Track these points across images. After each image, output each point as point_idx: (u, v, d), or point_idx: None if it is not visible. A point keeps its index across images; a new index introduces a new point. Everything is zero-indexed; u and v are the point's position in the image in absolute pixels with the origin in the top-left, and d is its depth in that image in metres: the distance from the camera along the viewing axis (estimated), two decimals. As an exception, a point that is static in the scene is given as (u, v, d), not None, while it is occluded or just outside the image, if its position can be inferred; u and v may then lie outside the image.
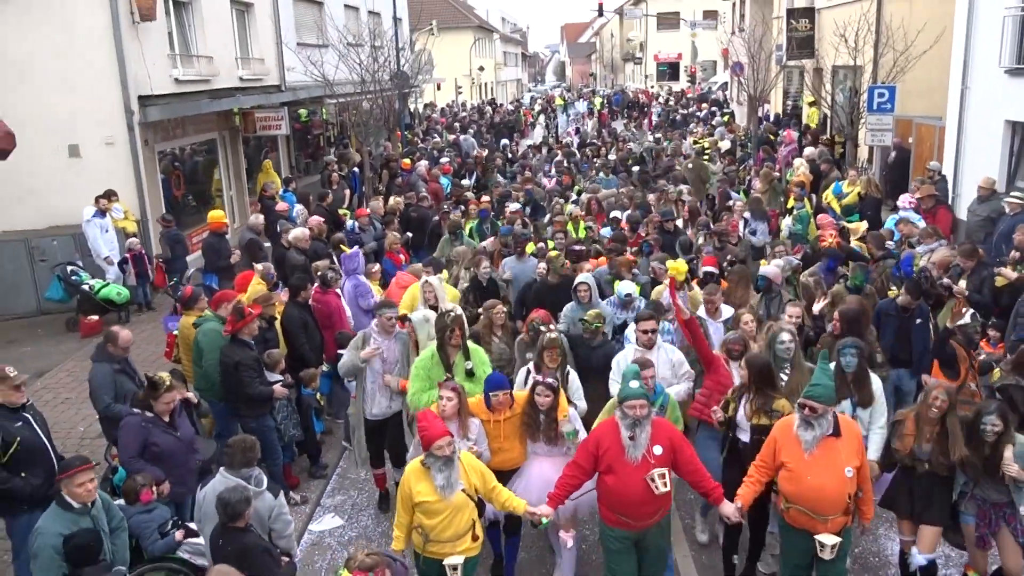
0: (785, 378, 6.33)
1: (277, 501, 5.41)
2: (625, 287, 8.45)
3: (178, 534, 5.68)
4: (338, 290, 9.18)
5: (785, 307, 7.91)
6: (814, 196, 14.82)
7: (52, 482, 5.65)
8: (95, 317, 12.43)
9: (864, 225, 12.17)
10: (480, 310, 8.33)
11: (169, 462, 6.09)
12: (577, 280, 8.32)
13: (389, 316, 7.14)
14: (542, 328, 6.98)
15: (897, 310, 7.81)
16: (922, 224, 10.41)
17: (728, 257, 10.15)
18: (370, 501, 7.79)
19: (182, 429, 6.30)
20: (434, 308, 7.72)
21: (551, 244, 10.62)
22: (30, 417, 5.87)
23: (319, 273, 9.09)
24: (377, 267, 10.70)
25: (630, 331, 7.43)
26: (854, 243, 11.01)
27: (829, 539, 5.11)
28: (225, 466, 5.56)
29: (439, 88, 47.04)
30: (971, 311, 7.35)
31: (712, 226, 11.86)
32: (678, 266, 7.46)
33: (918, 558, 5.83)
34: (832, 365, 6.07)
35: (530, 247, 10.74)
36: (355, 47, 20.62)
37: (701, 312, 7.91)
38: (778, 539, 6.04)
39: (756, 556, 6.34)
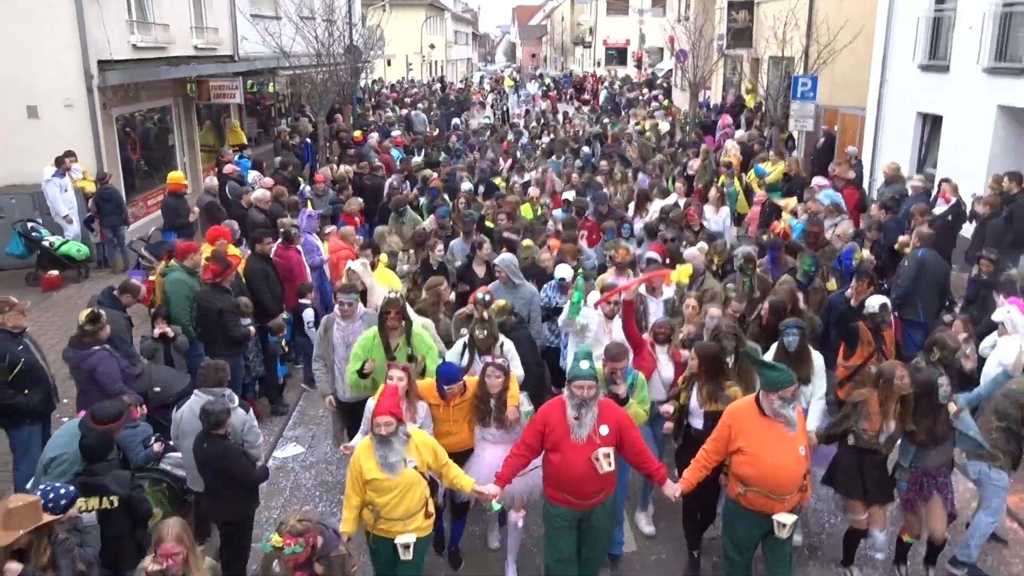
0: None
1: (248, 415, 6.12)
2: (561, 271, 8.47)
3: (156, 446, 6.38)
4: (298, 246, 9.83)
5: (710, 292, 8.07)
6: (744, 176, 15.92)
7: (50, 399, 6.32)
8: (55, 272, 12.85)
9: (793, 201, 13.24)
10: (425, 287, 8.32)
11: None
12: (495, 261, 8.37)
13: (343, 302, 7.00)
14: (486, 299, 7.09)
15: (846, 303, 7.80)
16: (828, 203, 11.42)
17: (684, 244, 9.99)
18: (328, 434, 8.48)
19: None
20: (363, 293, 7.71)
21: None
22: (29, 342, 6.51)
23: (283, 230, 9.74)
24: (332, 228, 11.33)
25: (593, 298, 7.44)
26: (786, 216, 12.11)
27: (787, 518, 5.23)
28: (199, 387, 6.25)
29: (389, 64, 47.22)
30: (882, 301, 7.36)
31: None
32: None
33: (880, 536, 6.16)
34: (774, 347, 6.53)
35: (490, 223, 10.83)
36: (308, 20, 21.05)
37: (642, 289, 7.97)
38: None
39: (704, 526, 6.50)
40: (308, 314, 9.16)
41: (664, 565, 6.60)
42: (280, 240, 9.59)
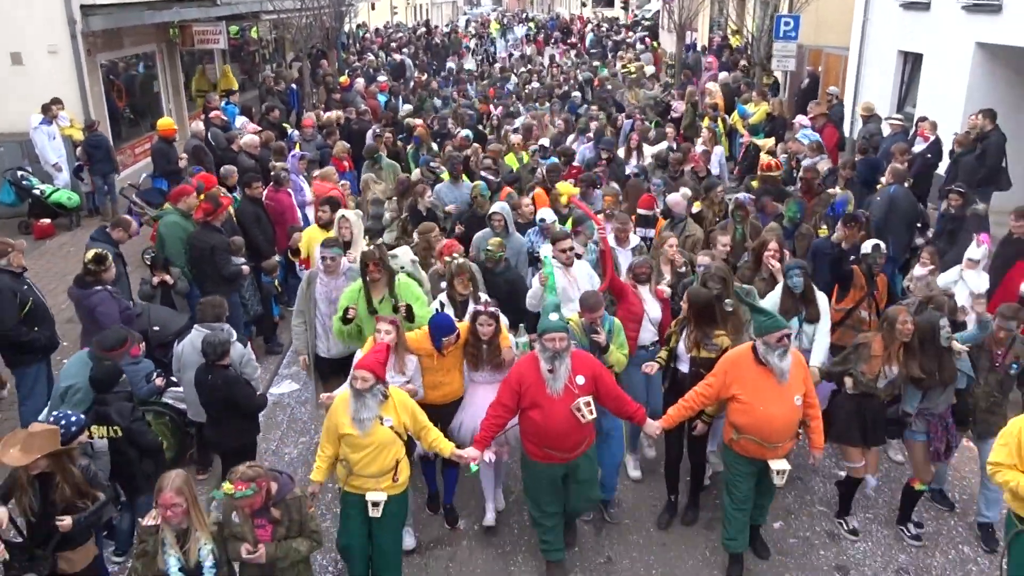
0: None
1: (246, 350, 6.41)
2: (543, 213, 8.44)
3: (158, 380, 6.68)
4: (288, 189, 10.03)
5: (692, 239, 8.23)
6: (727, 117, 16.07)
7: (54, 337, 6.60)
8: (47, 220, 13.00)
9: (771, 141, 13.48)
10: (417, 232, 8.34)
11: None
12: (492, 209, 8.32)
13: (326, 256, 6.86)
14: (450, 258, 7.04)
15: (833, 248, 7.75)
16: (806, 141, 11.65)
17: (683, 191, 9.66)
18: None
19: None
20: (347, 244, 7.63)
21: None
22: (30, 282, 6.75)
23: (273, 173, 9.92)
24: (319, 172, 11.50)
25: (548, 251, 7.39)
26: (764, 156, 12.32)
27: (781, 464, 5.35)
28: (198, 322, 6.52)
29: (373, 8, 46.53)
30: (874, 241, 7.38)
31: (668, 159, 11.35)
32: (566, 187, 7.71)
33: (872, 481, 6.35)
34: (778, 288, 6.61)
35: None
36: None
37: (611, 240, 7.80)
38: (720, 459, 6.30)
39: (700, 480, 6.55)
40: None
41: (655, 510, 6.65)
42: (271, 183, 9.77)
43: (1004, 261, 7.86)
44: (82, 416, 5.03)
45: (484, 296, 6.56)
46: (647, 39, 32.87)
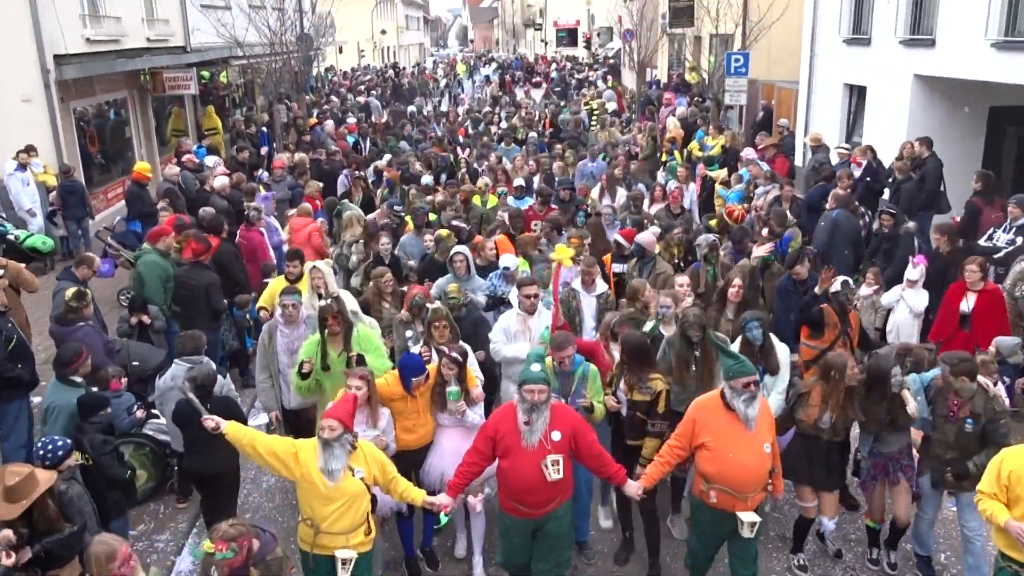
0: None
1: (225, 380, 6.72)
2: (506, 260, 8.35)
3: (139, 413, 6.96)
4: (260, 228, 10.38)
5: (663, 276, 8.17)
6: (685, 150, 16.71)
7: (36, 373, 6.87)
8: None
9: (724, 172, 14.07)
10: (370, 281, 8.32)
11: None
12: (453, 250, 8.19)
13: (287, 304, 6.86)
14: (426, 305, 7.03)
15: (795, 285, 7.76)
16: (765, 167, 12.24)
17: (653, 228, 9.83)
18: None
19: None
20: (320, 296, 7.48)
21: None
22: (12, 321, 7.02)
23: (245, 213, 10.28)
24: (292, 212, 11.89)
25: (513, 295, 7.38)
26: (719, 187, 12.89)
27: (750, 516, 5.16)
28: (177, 356, 6.83)
29: (341, 51, 47.33)
30: (843, 278, 7.36)
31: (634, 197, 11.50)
32: (563, 251, 7.15)
33: (829, 524, 6.19)
34: (739, 341, 6.48)
35: (432, 216, 10.58)
36: (258, 9, 21.35)
37: (577, 284, 7.77)
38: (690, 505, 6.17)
39: (654, 533, 6.32)
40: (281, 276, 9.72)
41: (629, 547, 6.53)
42: (243, 223, 10.13)
43: (935, 276, 8.37)
44: (68, 441, 5.29)
45: (462, 344, 6.49)
46: (608, 77, 33.77)
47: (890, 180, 11.96)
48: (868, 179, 11.74)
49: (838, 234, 9.52)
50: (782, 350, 6.59)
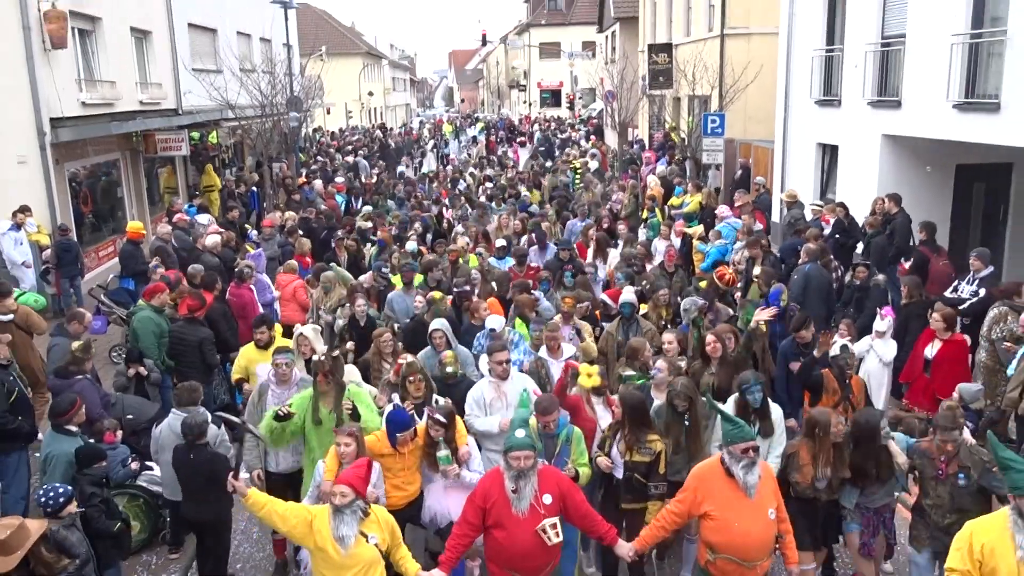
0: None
1: (220, 431, 6.91)
2: (491, 322, 8.27)
3: (133, 464, 7.13)
4: (251, 285, 10.64)
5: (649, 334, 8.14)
6: (666, 208, 17.20)
7: (35, 426, 7.06)
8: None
9: (700, 228, 14.49)
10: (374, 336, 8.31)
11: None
12: (432, 326, 7.89)
13: (280, 363, 6.82)
14: (402, 361, 6.97)
15: (799, 348, 7.72)
16: (733, 233, 12.66)
17: (644, 284, 10.12)
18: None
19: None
20: (308, 361, 7.37)
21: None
22: (14, 374, 7.22)
23: (237, 269, 10.55)
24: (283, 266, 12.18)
25: (483, 363, 7.25)
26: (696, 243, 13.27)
27: None
28: (175, 406, 7.03)
29: (329, 112, 48.28)
30: (843, 342, 7.45)
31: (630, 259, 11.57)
32: (589, 379, 6.78)
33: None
34: (731, 400, 6.38)
35: (418, 278, 10.45)
36: (248, 72, 21.95)
37: (542, 352, 7.79)
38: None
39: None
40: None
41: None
42: (233, 279, 10.39)
43: (903, 325, 8.74)
44: (69, 488, 5.48)
45: (438, 399, 6.49)
46: (592, 137, 34.59)
47: (863, 234, 12.42)
48: (837, 235, 12.17)
49: (810, 287, 9.87)
50: (777, 412, 6.46)
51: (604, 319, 8.99)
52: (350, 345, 8.89)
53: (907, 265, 10.53)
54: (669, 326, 9.04)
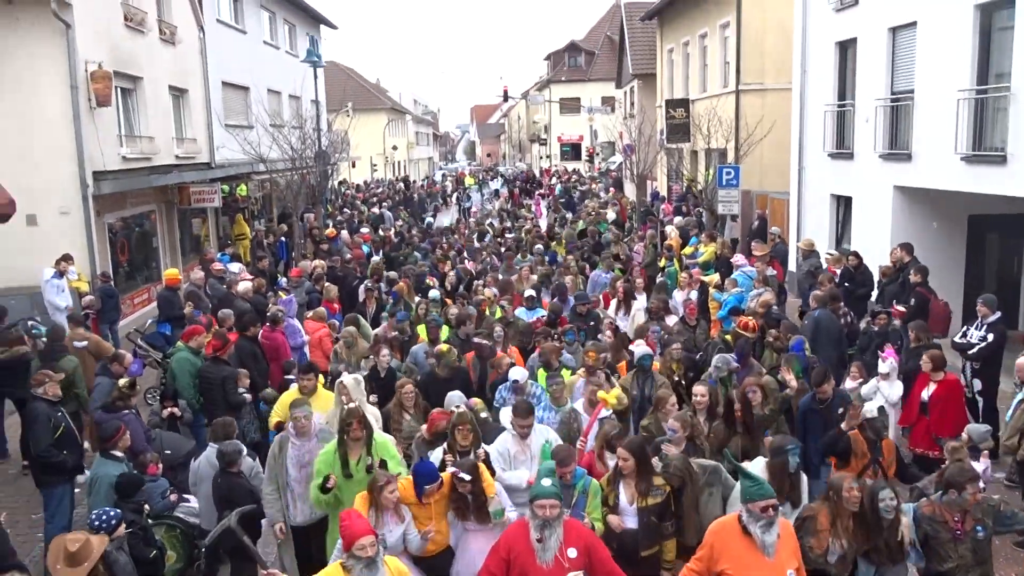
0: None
1: (255, 463, 7.29)
2: (515, 373, 8.34)
3: (172, 497, 7.51)
4: (283, 329, 11.10)
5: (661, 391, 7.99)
6: (683, 257, 17.58)
7: (81, 460, 7.48)
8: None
9: (717, 277, 14.83)
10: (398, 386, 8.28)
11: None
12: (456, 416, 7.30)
13: (299, 416, 6.83)
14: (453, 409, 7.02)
15: (819, 404, 7.63)
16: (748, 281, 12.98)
17: (664, 335, 10.10)
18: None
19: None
20: None
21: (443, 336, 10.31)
22: (63, 411, 7.67)
23: (269, 314, 11.02)
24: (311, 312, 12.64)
25: (504, 416, 7.30)
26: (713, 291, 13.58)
27: None
28: (211, 441, 7.42)
29: (354, 166, 49.45)
30: (878, 404, 7.39)
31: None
32: (612, 394, 7.19)
33: None
34: (757, 462, 6.24)
35: (444, 332, 10.53)
36: (278, 128, 22.84)
37: (578, 406, 7.83)
38: None
39: None
40: (293, 387, 10.33)
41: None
42: (267, 323, 10.86)
43: (911, 369, 9.02)
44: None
45: (484, 447, 6.57)
46: (612, 189, 35.20)
47: (879, 282, 12.73)
48: (846, 284, 12.49)
49: (820, 333, 10.16)
50: (803, 481, 6.30)
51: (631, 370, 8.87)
52: (373, 398, 8.84)
53: (900, 308, 10.79)
54: (683, 382, 8.95)
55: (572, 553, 5.01)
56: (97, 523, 5.65)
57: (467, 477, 5.89)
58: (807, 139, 18.08)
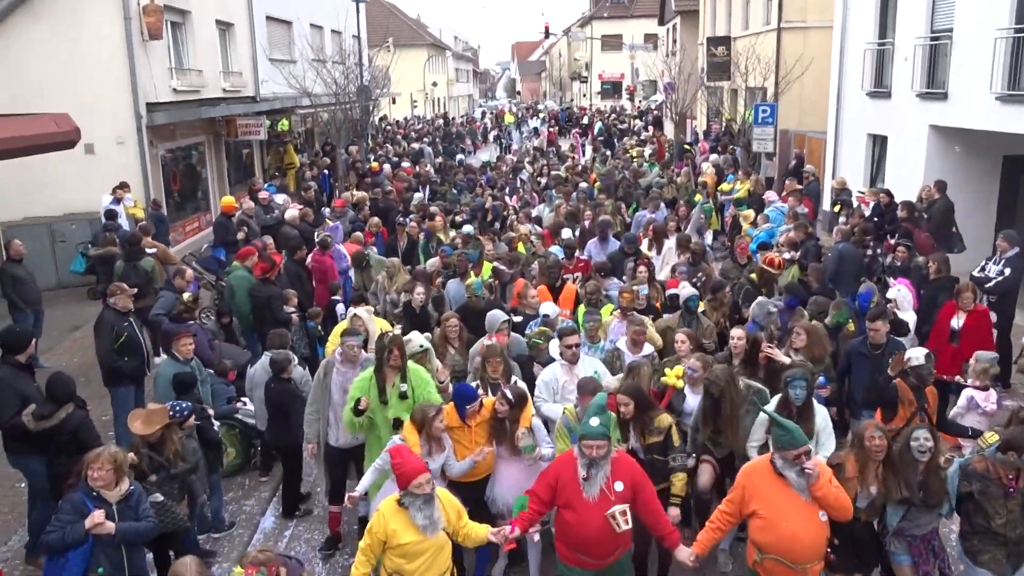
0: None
1: (304, 371, 7.96)
2: (545, 308, 8.39)
3: (237, 404, 8.25)
4: (331, 254, 11.74)
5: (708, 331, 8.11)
6: (719, 194, 17.84)
7: (143, 367, 8.26)
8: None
9: (752, 213, 15.13)
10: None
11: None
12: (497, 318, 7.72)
13: (351, 344, 6.97)
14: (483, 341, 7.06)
15: (868, 349, 7.46)
16: (774, 214, 13.29)
17: (700, 276, 10.01)
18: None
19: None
20: (365, 343, 7.55)
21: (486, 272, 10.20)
22: (133, 322, 8.42)
23: (319, 239, 11.67)
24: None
25: (553, 347, 7.33)
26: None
27: None
28: (266, 350, 8.10)
29: (394, 102, 49.65)
30: (924, 351, 6.96)
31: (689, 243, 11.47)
32: (673, 373, 6.98)
33: None
34: (776, 399, 6.19)
35: (487, 269, 10.30)
36: (319, 63, 23.23)
37: (621, 344, 7.77)
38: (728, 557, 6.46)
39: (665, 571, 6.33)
40: (340, 308, 11.02)
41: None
42: (316, 247, 11.51)
43: (928, 299, 9.36)
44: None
45: (516, 379, 6.70)
46: (651, 127, 35.13)
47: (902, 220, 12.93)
48: (875, 219, 12.73)
49: (844, 265, 10.48)
50: (820, 412, 6.24)
51: (665, 311, 8.92)
52: (397, 329, 8.78)
53: (892, 241, 11.19)
54: (727, 324, 8.89)
55: (619, 487, 5.06)
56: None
57: (510, 396, 6.03)
58: (846, 78, 18.06)
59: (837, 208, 13.62)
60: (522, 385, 6.68)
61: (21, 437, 6.53)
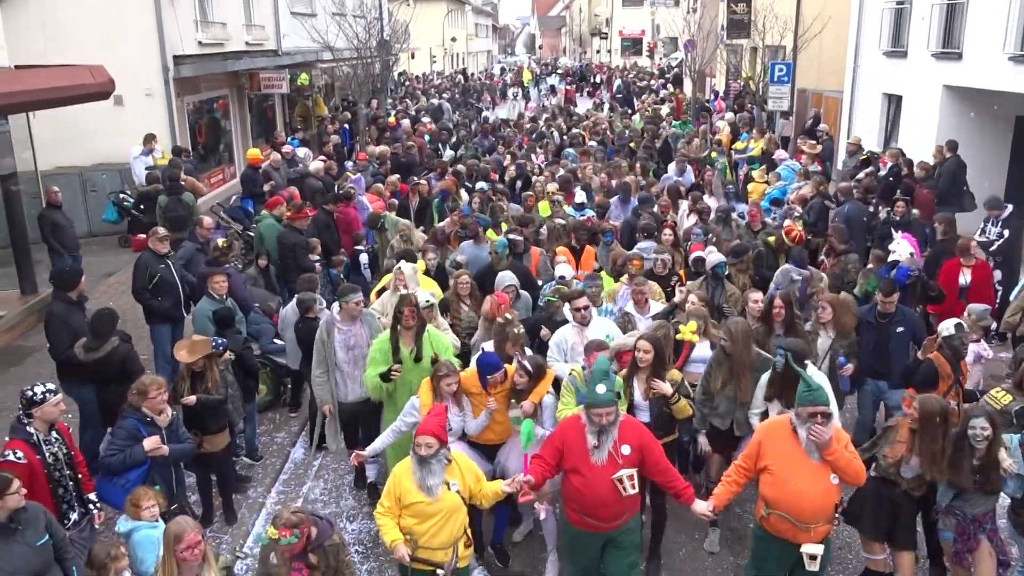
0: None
1: (330, 311, 8.42)
2: (561, 269, 8.37)
3: (278, 341, 8.79)
4: (355, 205, 12.18)
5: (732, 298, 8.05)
6: (733, 152, 18.07)
7: (178, 307, 8.83)
8: (143, 236, 15.28)
9: (763, 171, 15.41)
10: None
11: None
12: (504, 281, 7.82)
13: (356, 302, 6.99)
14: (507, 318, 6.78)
15: (876, 317, 7.42)
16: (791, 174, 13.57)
17: (711, 236, 9.92)
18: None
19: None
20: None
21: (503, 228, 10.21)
22: (170, 264, 8.91)
23: (342, 190, 12.10)
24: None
25: (566, 309, 7.33)
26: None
27: (813, 548, 4.91)
28: (296, 292, 8.58)
29: (413, 57, 49.62)
30: (956, 321, 6.77)
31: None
32: (689, 328, 6.95)
33: None
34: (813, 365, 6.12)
35: (491, 234, 10.17)
36: (340, 16, 23.39)
37: (629, 307, 7.77)
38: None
39: (660, 527, 6.39)
40: (364, 257, 11.48)
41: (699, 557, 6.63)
42: (340, 199, 11.94)
43: (934, 257, 9.69)
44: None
45: (529, 352, 6.60)
46: (670, 85, 35.07)
47: (913, 179, 13.18)
48: (891, 179, 12.99)
49: (850, 224, 10.75)
50: (820, 379, 5.87)
51: (689, 277, 8.81)
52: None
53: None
54: (752, 287, 8.66)
55: (626, 450, 5.04)
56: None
57: (528, 367, 6.01)
58: (863, 37, 18.15)
59: (865, 161, 13.95)
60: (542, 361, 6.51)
61: (73, 368, 7.09)
